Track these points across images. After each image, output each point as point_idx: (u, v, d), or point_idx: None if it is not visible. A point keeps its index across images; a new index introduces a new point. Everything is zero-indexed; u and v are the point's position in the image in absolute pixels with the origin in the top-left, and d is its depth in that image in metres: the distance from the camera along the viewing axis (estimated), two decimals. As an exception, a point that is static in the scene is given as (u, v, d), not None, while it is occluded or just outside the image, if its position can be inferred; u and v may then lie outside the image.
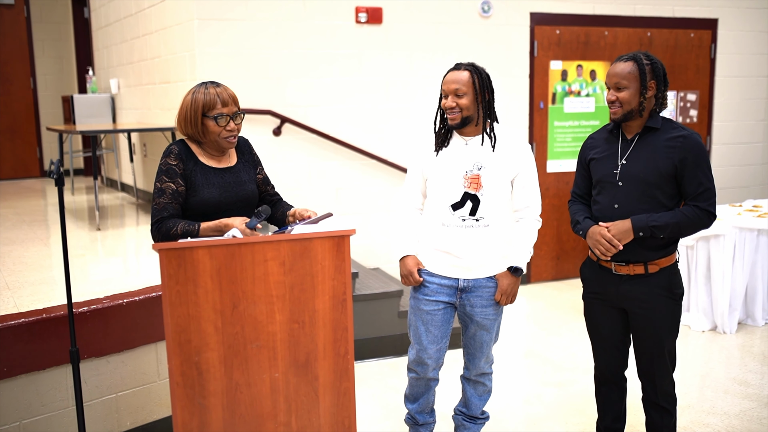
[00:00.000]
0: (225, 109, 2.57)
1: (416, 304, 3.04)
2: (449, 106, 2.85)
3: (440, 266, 2.97)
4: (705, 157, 2.71)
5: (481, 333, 3.05)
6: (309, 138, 5.41)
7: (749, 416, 3.73)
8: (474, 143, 2.92)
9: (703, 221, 2.71)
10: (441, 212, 2.93)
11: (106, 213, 6.22)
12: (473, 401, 3.22)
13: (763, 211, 5.45)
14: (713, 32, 6.76)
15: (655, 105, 2.75)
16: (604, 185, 2.83)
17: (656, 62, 2.72)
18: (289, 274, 2.28)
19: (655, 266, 2.76)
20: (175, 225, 2.49)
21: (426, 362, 3.06)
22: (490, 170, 2.88)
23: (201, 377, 2.25)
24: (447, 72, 2.90)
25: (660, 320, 2.80)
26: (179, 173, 2.55)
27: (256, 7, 5.16)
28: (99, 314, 3.23)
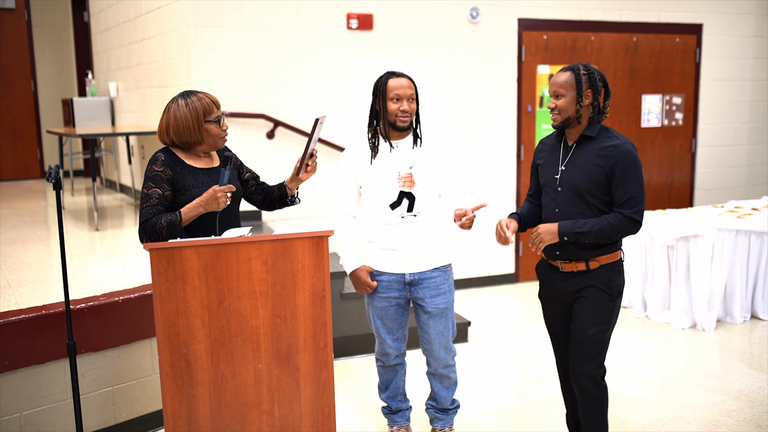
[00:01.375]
0: (219, 111, 2.78)
1: (370, 301, 3.30)
2: (404, 110, 3.09)
3: (387, 264, 3.21)
4: (634, 166, 2.78)
5: (434, 323, 3.25)
6: (302, 141, 5.56)
7: (719, 409, 3.88)
8: (403, 145, 3.17)
9: (627, 228, 2.80)
10: (380, 212, 3.16)
11: (105, 214, 6.37)
12: (441, 394, 3.42)
13: (743, 212, 5.61)
14: (698, 37, 6.91)
15: (592, 113, 2.85)
16: (547, 190, 2.99)
17: (593, 72, 2.83)
18: (271, 272, 2.44)
19: (596, 263, 2.88)
20: (158, 220, 2.60)
21: (388, 352, 3.33)
22: (420, 167, 3.14)
23: (189, 368, 2.41)
24: (387, 79, 3.12)
25: (588, 311, 2.90)
26: (165, 179, 2.68)
27: (250, 14, 5.32)
28: (96, 311, 3.38)
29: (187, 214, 2.62)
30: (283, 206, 3.05)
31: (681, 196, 7.12)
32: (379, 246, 3.21)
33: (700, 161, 7.13)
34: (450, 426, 3.47)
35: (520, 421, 3.81)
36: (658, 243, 5.32)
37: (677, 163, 7.05)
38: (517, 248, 6.48)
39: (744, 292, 5.32)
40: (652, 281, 5.43)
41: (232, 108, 5.33)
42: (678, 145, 7.03)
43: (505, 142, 6.31)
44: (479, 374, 4.46)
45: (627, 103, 6.74)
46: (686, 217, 5.40)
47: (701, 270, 5.12)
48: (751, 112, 7.32)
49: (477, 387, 4.25)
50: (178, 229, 2.61)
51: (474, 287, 6.30)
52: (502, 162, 6.31)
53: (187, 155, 2.78)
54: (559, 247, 2.91)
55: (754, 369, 4.43)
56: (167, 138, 2.76)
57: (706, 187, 7.20)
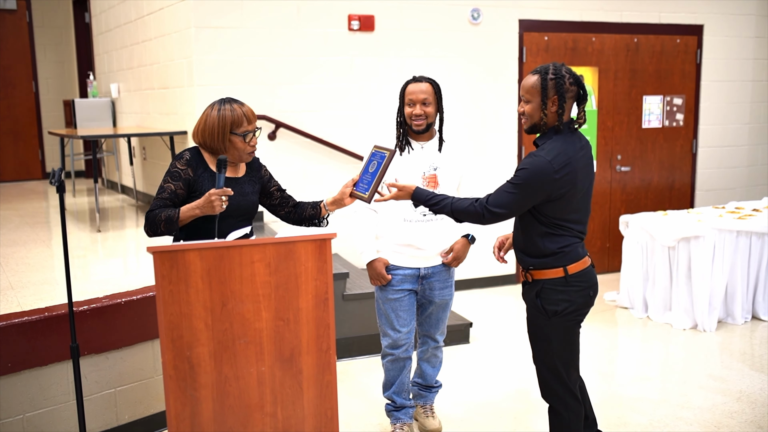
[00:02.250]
0: (250, 126, 2.77)
1: (384, 294, 3.41)
2: (417, 114, 3.23)
3: (403, 258, 3.37)
4: (523, 176, 2.61)
5: (439, 311, 3.51)
6: (303, 142, 5.57)
7: (721, 410, 3.89)
8: (428, 146, 3.33)
9: (476, 214, 2.69)
10: (403, 209, 3.30)
11: (106, 215, 6.38)
12: (428, 372, 3.68)
13: (744, 213, 5.61)
14: (699, 38, 6.92)
15: (559, 121, 2.68)
16: None
17: (561, 78, 2.64)
18: (274, 275, 2.44)
19: (530, 275, 2.79)
20: (160, 212, 2.65)
21: (401, 343, 3.45)
22: (444, 170, 3.31)
23: (192, 371, 2.41)
24: (407, 84, 3.27)
25: (531, 331, 2.84)
26: (183, 178, 2.72)
27: (251, 15, 5.32)
28: (99, 313, 3.39)
29: (184, 213, 2.64)
30: (311, 225, 3.02)
31: (682, 197, 7.13)
32: (395, 242, 3.36)
33: (700, 162, 7.14)
34: (431, 403, 3.74)
35: (520, 422, 3.81)
36: (659, 244, 5.33)
37: (678, 164, 7.06)
38: (518, 249, 6.48)
39: (745, 293, 5.33)
40: (653, 282, 5.44)
41: (234, 109, 5.33)
42: (679, 145, 7.03)
43: (506, 144, 6.31)
44: (481, 375, 4.46)
45: (628, 104, 6.74)
46: (687, 218, 5.41)
47: (702, 271, 5.13)
48: (752, 113, 7.32)
49: (479, 388, 4.26)
50: (174, 225, 2.64)
51: (476, 288, 6.31)
52: (504, 163, 6.32)
53: (213, 159, 2.80)
54: (515, 250, 2.86)
55: (755, 370, 4.44)
56: (197, 138, 2.81)
57: (707, 188, 7.21)
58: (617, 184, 6.81)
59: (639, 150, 6.85)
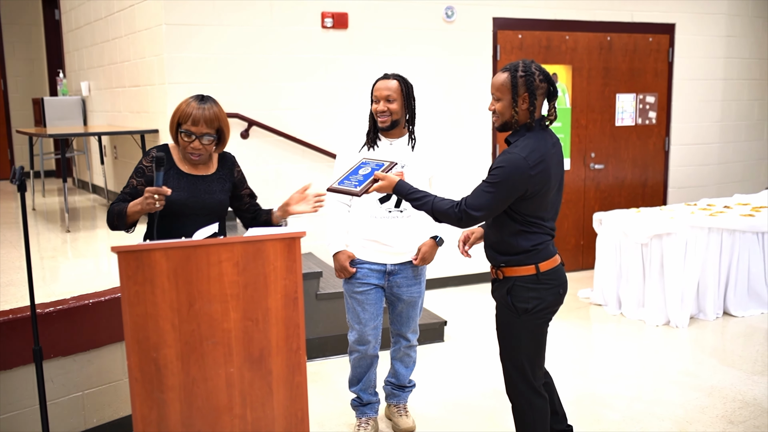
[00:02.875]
0: (193, 128, 2.70)
1: (350, 288, 3.42)
2: (381, 110, 3.24)
3: (370, 253, 3.37)
4: (500, 172, 2.60)
5: (408, 309, 3.49)
6: (276, 141, 5.52)
7: (693, 405, 3.91)
8: (398, 144, 3.33)
9: (454, 218, 2.68)
10: (370, 206, 3.32)
11: (77, 215, 6.28)
12: (401, 372, 3.65)
13: (715, 210, 5.66)
14: (671, 36, 6.97)
15: (529, 118, 2.69)
16: None
17: (531, 75, 2.64)
18: (242, 274, 2.40)
19: (501, 273, 2.79)
20: (115, 207, 2.73)
21: (368, 339, 3.44)
22: (412, 168, 3.29)
23: (159, 373, 2.36)
24: (376, 81, 3.29)
25: (500, 329, 2.85)
26: (146, 174, 2.76)
27: (224, 12, 5.26)
28: (65, 314, 3.32)
29: (130, 209, 2.67)
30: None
31: (654, 194, 7.18)
32: (362, 236, 3.38)
33: (673, 160, 7.19)
34: (405, 402, 3.71)
35: (495, 421, 3.80)
36: (633, 241, 5.36)
37: (651, 161, 7.10)
38: (493, 247, 6.48)
39: (716, 289, 5.37)
40: (626, 279, 5.46)
41: (206, 107, 5.26)
42: (651, 143, 7.08)
43: (480, 141, 6.31)
44: (455, 374, 4.45)
45: (601, 102, 6.77)
46: (660, 215, 5.44)
47: (675, 267, 5.16)
48: (723, 111, 7.39)
49: (453, 386, 4.24)
50: (124, 220, 2.69)
51: (450, 286, 6.30)
52: (478, 161, 6.32)
53: (180, 157, 2.81)
54: (485, 248, 2.85)
55: (726, 365, 4.48)
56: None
57: (679, 185, 7.27)
58: (591, 182, 6.84)
59: (612, 148, 6.89)
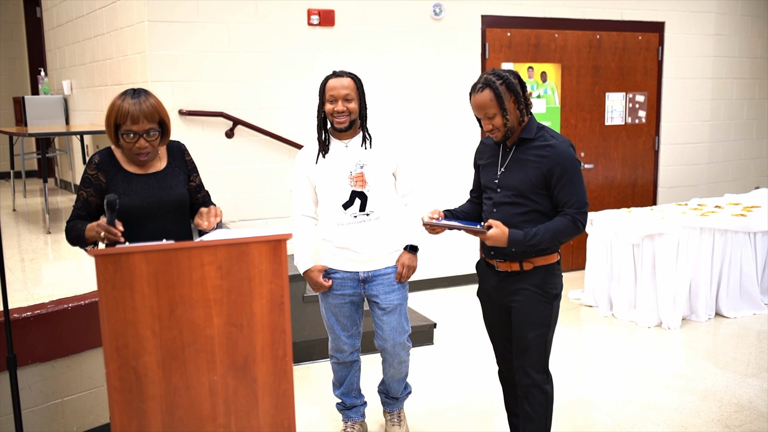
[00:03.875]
0: (135, 126, 2.53)
1: (325, 298, 3.30)
2: (339, 110, 3.07)
3: (341, 262, 3.23)
4: (574, 166, 2.75)
5: (388, 318, 3.28)
6: (262, 140, 5.42)
7: (687, 409, 3.85)
8: (353, 144, 3.18)
9: (574, 231, 2.76)
10: (334, 213, 3.18)
11: (59, 215, 6.15)
12: (393, 386, 3.50)
13: (706, 210, 5.61)
14: (660, 35, 6.93)
15: (522, 115, 2.78)
16: (486, 191, 2.94)
17: (506, 77, 2.75)
18: (226, 278, 2.30)
19: (530, 264, 2.83)
20: (73, 226, 2.62)
21: (342, 348, 3.35)
22: (372, 166, 3.14)
23: (139, 381, 2.26)
24: (327, 80, 3.13)
25: (526, 315, 2.86)
26: (94, 184, 2.63)
27: (207, 8, 5.15)
28: (44, 319, 3.21)
29: (88, 233, 2.56)
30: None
31: (644, 194, 7.13)
32: (333, 245, 3.24)
33: (663, 159, 7.15)
34: (400, 409, 3.56)
35: (484, 424, 3.73)
36: (624, 241, 5.30)
37: (640, 161, 7.06)
38: (483, 248, 6.41)
39: (708, 290, 5.32)
40: (617, 280, 5.40)
41: (190, 106, 5.16)
42: (641, 143, 7.03)
43: (468, 140, 6.23)
44: (445, 376, 4.37)
45: (591, 101, 6.72)
46: (651, 215, 5.39)
47: (667, 268, 5.10)
48: (712, 110, 7.36)
49: (443, 389, 4.16)
50: (84, 243, 2.58)
51: (438, 288, 6.22)
52: (466, 160, 6.24)
53: (125, 157, 2.66)
54: (493, 247, 2.85)
55: (720, 368, 4.42)
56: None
57: (669, 185, 7.23)
58: (581, 182, 6.77)
59: (602, 147, 6.83)
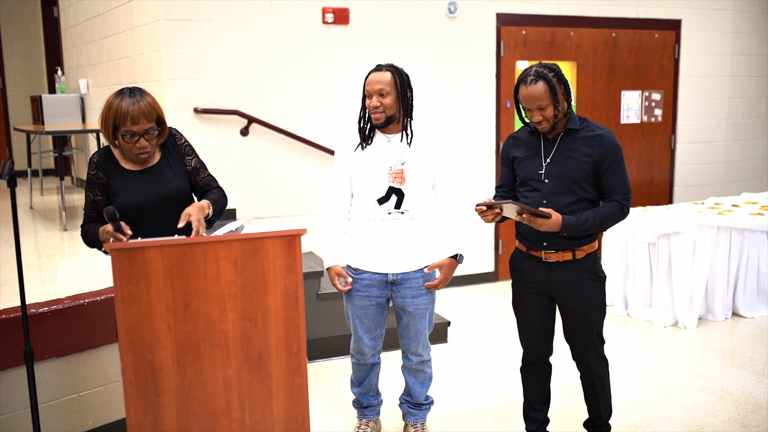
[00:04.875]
0: (135, 127, 2.50)
1: (349, 298, 3.22)
2: (374, 106, 3.01)
3: (369, 263, 3.14)
4: (620, 154, 2.88)
5: (415, 322, 3.22)
6: (276, 138, 5.43)
7: (704, 409, 3.81)
8: (396, 140, 3.09)
9: (620, 215, 2.90)
10: (367, 207, 3.09)
11: (76, 213, 6.19)
12: (416, 389, 3.39)
13: (723, 209, 5.57)
14: (677, 33, 6.87)
15: (568, 108, 2.89)
16: (531, 183, 2.97)
17: (557, 70, 2.84)
18: (240, 273, 2.31)
19: (582, 252, 2.94)
20: (88, 230, 2.66)
21: (364, 350, 3.28)
22: (412, 165, 3.06)
23: (154, 375, 2.28)
24: (369, 73, 3.06)
25: (588, 303, 2.99)
26: (96, 183, 2.63)
27: (223, 7, 5.17)
28: (60, 314, 3.24)
29: (101, 236, 2.56)
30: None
31: (660, 192, 7.08)
32: (361, 242, 3.13)
33: (679, 158, 7.10)
34: (423, 421, 3.45)
35: (500, 422, 3.71)
36: (639, 240, 5.26)
37: (656, 159, 7.01)
38: (497, 247, 6.40)
39: (725, 290, 5.27)
40: (633, 279, 5.37)
41: (205, 104, 5.18)
42: (657, 141, 6.98)
43: (483, 139, 6.22)
44: (459, 375, 4.36)
45: (606, 99, 6.68)
46: (667, 214, 5.34)
47: (683, 267, 5.06)
48: (729, 109, 7.30)
49: (457, 388, 4.15)
50: (100, 246, 2.62)
51: (453, 286, 6.20)
52: (481, 159, 6.23)
53: (122, 155, 2.66)
54: (546, 237, 2.92)
55: (737, 367, 4.38)
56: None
57: (685, 184, 7.17)
58: (596, 181, 6.74)
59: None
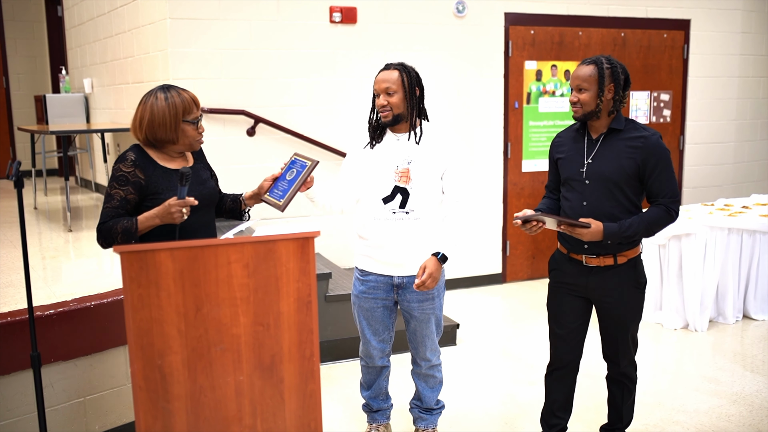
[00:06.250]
0: (198, 112, 2.63)
1: (357, 301, 3.18)
2: (381, 105, 2.97)
3: (374, 264, 3.09)
4: (667, 157, 2.81)
5: (422, 327, 3.16)
6: (283, 138, 5.39)
7: (717, 413, 3.76)
8: (404, 139, 3.04)
9: (667, 220, 2.84)
10: (373, 206, 3.04)
11: (80, 214, 6.16)
12: (426, 394, 3.34)
13: (733, 210, 5.51)
14: (686, 33, 6.82)
15: (613, 107, 2.84)
16: (572, 183, 2.93)
17: (616, 66, 2.81)
18: (253, 277, 2.26)
19: (624, 257, 2.89)
20: (115, 224, 2.50)
21: (372, 353, 3.23)
22: (419, 164, 2.99)
23: (164, 381, 2.23)
24: (378, 72, 3.02)
25: (626, 308, 2.96)
26: (131, 181, 2.55)
27: (229, 6, 5.12)
28: (66, 317, 3.19)
29: (143, 224, 2.51)
30: (229, 218, 2.94)
31: (669, 194, 7.02)
32: (367, 243, 3.09)
33: (688, 159, 7.04)
34: (433, 426, 3.41)
35: (512, 426, 3.67)
36: (650, 242, 5.21)
37: (665, 160, 6.94)
38: (505, 248, 6.35)
39: (736, 292, 5.22)
40: (642, 281, 5.31)
41: (211, 104, 5.14)
42: (666, 142, 6.88)
43: (491, 140, 6.17)
44: (470, 378, 4.31)
45: (615, 100, 6.61)
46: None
47: (694, 269, 5.01)
48: (738, 109, 7.24)
49: (468, 391, 4.11)
50: (134, 237, 2.51)
51: (461, 288, 6.16)
52: (489, 160, 6.18)
53: (159, 154, 2.64)
54: (587, 241, 2.85)
55: (749, 371, 4.33)
56: (140, 134, 2.61)
57: (694, 185, 7.12)
58: (604, 181, 6.69)
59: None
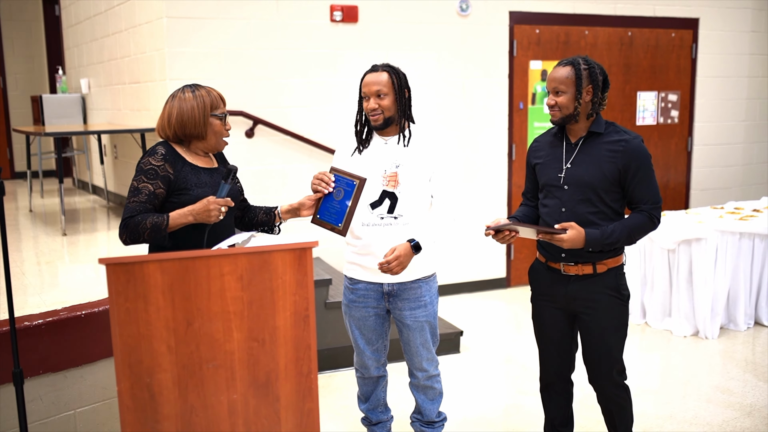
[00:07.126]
0: (224, 108, 2.63)
1: (348, 310, 3.07)
2: (372, 108, 2.85)
3: (364, 272, 2.98)
4: (649, 162, 2.72)
5: (415, 335, 3.03)
6: (283, 140, 5.26)
7: (732, 426, 3.63)
8: (393, 142, 2.94)
9: (650, 227, 2.74)
10: (361, 212, 2.91)
11: (77, 216, 6.05)
12: (426, 407, 3.20)
13: (744, 214, 5.38)
14: (694, 32, 6.69)
15: (592, 109, 2.73)
16: (550, 189, 2.82)
17: (594, 67, 2.71)
18: (247, 290, 2.14)
19: (603, 266, 2.76)
20: (144, 219, 2.42)
21: (366, 363, 3.12)
22: (407, 168, 2.89)
23: (153, 400, 2.10)
24: (365, 74, 2.90)
25: (606, 320, 2.80)
26: (161, 176, 2.48)
27: (227, 5, 5.00)
28: (56, 327, 3.08)
29: (175, 220, 2.43)
30: (261, 232, 2.86)
31: (677, 196, 6.89)
32: (356, 250, 2.99)
33: (696, 160, 6.91)
34: None
35: (519, 442, 3.55)
36: (658, 246, 5.08)
37: (673, 162, 6.82)
38: (509, 252, 6.22)
39: (747, 298, 5.09)
40: (651, 287, 5.18)
41: (209, 105, 5.01)
42: (674, 143, 6.80)
43: (496, 141, 6.04)
44: (473, 387, 4.19)
45: (622, 100, 6.49)
46: (686, 220, 5.16)
47: (704, 275, 4.88)
48: (748, 110, 7.11)
49: (471, 400, 3.98)
50: (162, 233, 2.42)
51: (464, 292, 6.03)
52: (493, 161, 6.05)
53: (187, 152, 2.58)
54: (565, 248, 2.73)
55: (762, 381, 4.20)
56: (169, 130, 2.56)
57: (702, 188, 6.98)
58: (610, 184, 6.56)
59: (633, 148, 6.60)
